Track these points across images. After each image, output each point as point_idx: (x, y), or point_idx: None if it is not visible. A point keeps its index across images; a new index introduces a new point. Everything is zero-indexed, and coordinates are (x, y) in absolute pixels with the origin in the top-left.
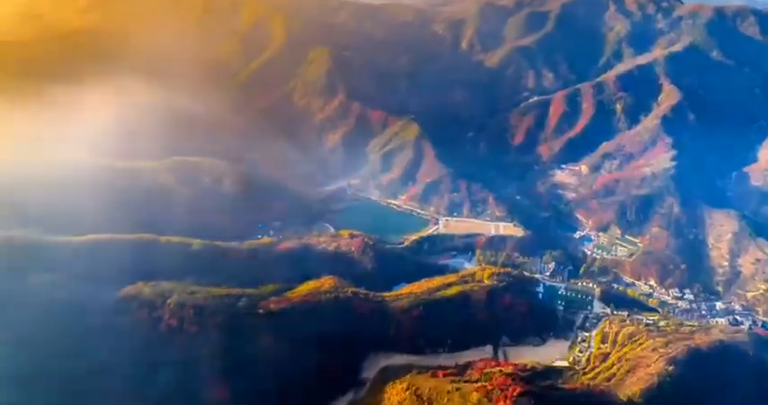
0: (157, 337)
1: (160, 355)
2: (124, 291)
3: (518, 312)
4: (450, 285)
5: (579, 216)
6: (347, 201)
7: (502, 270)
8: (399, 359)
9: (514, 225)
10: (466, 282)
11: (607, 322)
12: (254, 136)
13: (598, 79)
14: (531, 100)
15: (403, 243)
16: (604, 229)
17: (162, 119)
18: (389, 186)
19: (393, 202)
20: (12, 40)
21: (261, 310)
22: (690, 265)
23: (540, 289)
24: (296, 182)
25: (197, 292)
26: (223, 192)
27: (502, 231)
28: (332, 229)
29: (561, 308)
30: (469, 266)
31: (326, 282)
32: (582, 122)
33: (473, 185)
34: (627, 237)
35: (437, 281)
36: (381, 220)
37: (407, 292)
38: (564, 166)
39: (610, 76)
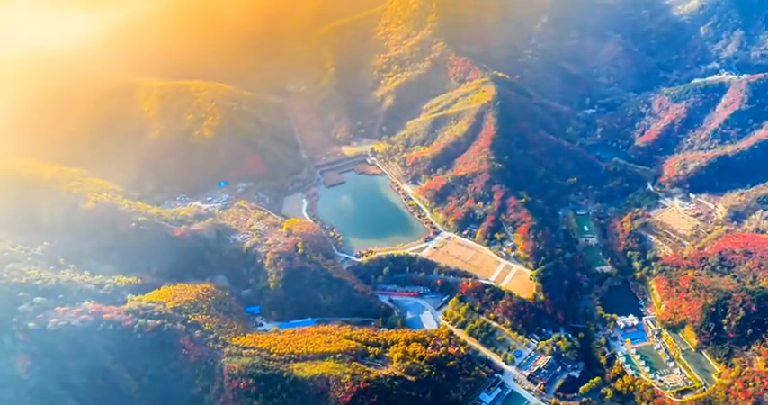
0: None
1: None
2: None
3: None
4: (325, 357)
5: (654, 288)
6: (356, 173)
7: (442, 351)
8: None
9: (531, 278)
10: (363, 355)
11: None
12: (306, 64)
13: None
14: (714, 77)
15: (360, 257)
16: (675, 328)
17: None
18: (415, 167)
19: (407, 188)
20: None
21: (32, 324)
22: None
23: (489, 398)
24: (314, 133)
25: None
26: (200, 134)
27: (506, 282)
28: (304, 207)
29: None
30: (428, 317)
31: (188, 292)
32: (764, 132)
33: (512, 197)
34: (703, 353)
35: (325, 339)
36: (372, 212)
37: (266, 343)
38: (693, 196)
39: None
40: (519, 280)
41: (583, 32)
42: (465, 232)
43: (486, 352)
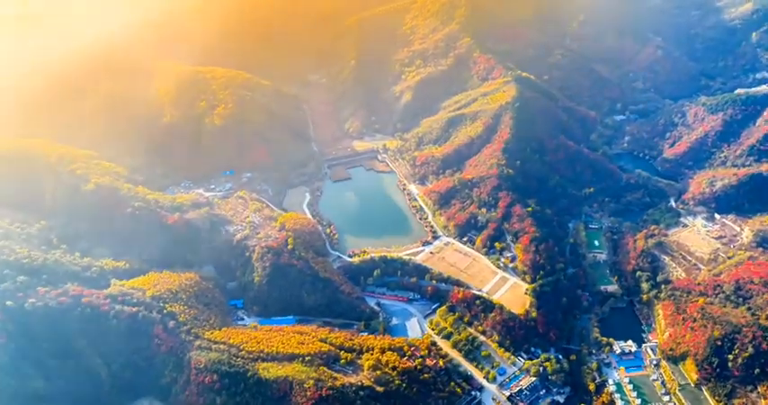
0: None
1: None
2: None
3: None
4: (293, 359)
5: (659, 314)
6: (364, 169)
7: (418, 362)
8: None
9: (526, 292)
10: (334, 360)
11: None
12: (330, 55)
13: None
14: (761, 87)
15: (352, 257)
16: (676, 359)
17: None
18: (423, 167)
19: (413, 189)
20: None
21: (9, 303)
22: None
23: None
24: (328, 126)
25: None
26: (210, 121)
27: (499, 294)
28: (306, 201)
29: None
30: (414, 324)
31: (171, 281)
32: None
33: (517, 205)
34: (703, 390)
35: (299, 339)
36: (373, 211)
37: (239, 340)
38: (718, 216)
39: None
40: (513, 293)
41: (621, 33)
42: (465, 239)
43: (468, 367)
